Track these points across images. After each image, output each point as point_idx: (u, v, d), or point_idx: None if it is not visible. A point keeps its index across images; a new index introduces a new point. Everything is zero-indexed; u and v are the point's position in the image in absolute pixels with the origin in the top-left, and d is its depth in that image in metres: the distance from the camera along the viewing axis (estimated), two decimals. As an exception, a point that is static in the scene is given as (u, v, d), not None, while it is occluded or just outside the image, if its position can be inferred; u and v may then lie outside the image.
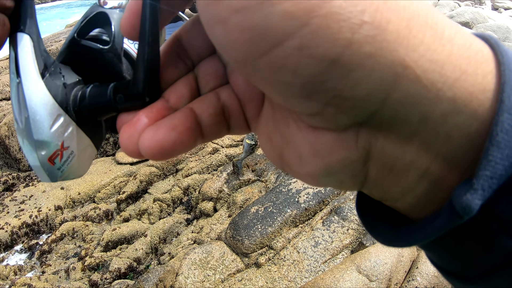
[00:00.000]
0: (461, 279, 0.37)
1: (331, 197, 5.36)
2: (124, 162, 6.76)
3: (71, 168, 0.60)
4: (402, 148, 0.31)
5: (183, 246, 5.20)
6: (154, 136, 0.36)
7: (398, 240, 0.36)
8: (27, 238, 5.55)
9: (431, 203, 0.34)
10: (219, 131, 0.41)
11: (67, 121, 0.57)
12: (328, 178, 0.35)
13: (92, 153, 0.64)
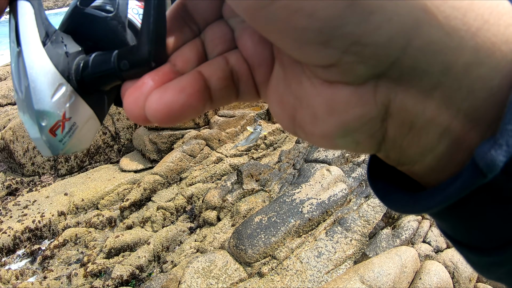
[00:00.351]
0: (476, 251, 0.35)
1: (335, 207, 5.36)
2: (128, 169, 6.77)
3: (73, 140, 0.56)
4: (422, 104, 0.29)
5: (186, 255, 5.19)
6: (161, 98, 0.34)
7: (415, 205, 0.33)
8: (30, 243, 5.54)
9: (451, 164, 0.32)
10: (227, 96, 0.38)
11: (69, 90, 0.53)
12: (344, 139, 0.33)
13: (95, 125, 0.57)
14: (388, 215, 5.06)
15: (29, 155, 7.16)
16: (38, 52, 0.49)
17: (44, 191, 6.43)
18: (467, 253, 0.36)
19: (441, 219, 0.36)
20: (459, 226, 0.35)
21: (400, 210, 0.35)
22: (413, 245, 4.84)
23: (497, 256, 0.33)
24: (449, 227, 0.37)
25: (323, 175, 5.72)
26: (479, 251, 0.34)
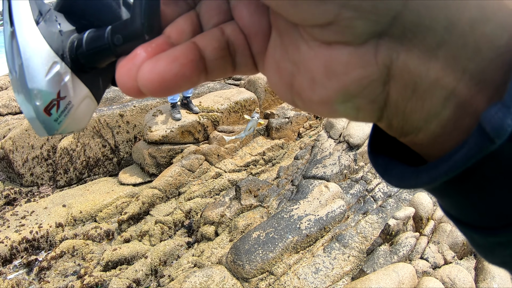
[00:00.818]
0: (481, 231, 0.33)
1: (333, 224, 5.37)
2: (127, 183, 6.77)
3: (69, 119, 0.58)
4: (426, 64, 0.28)
5: (184, 269, 5.18)
6: (154, 68, 0.33)
7: (418, 177, 0.31)
8: (27, 254, 5.52)
9: (457, 131, 0.30)
10: (223, 67, 0.37)
11: (63, 69, 0.55)
12: (344, 105, 0.32)
13: (91, 105, 0.62)
14: (386, 231, 5.07)
15: (28, 166, 7.16)
16: (32, 30, 0.51)
17: (43, 202, 6.42)
18: (472, 234, 0.35)
19: (445, 195, 0.35)
20: (463, 203, 0.34)
21: (402, 184, 0.33)
22: (411, 261, 4.84)
23: (504, 235, 0.32)
24: (453, 205, 0.35)
25: (321, 191, 5.74)
26: (484, 231, 0.33)
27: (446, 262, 4.98)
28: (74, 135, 7.24)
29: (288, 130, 7.92)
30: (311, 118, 8.36)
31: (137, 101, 8.02)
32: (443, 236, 5.18)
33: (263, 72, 0.38)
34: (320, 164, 6.53)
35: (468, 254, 5.30)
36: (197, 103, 7.61)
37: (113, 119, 7.49)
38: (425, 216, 5.38)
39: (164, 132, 6.84)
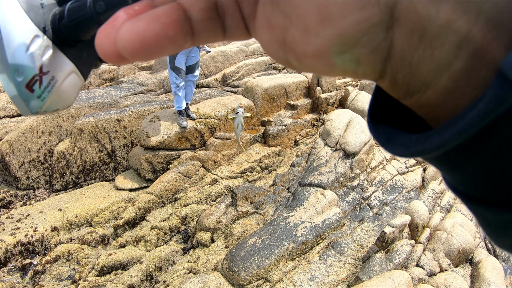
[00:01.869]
0: (494, 207, 0.30)
1: (329, 231, 5.37)
2: (123, 188, 6.76)
3: (53, 96, 0.57)
4: (435, 4, 0.24)
5: (179, 275, 5.16)
6: (133, 28, 0.31)
7: (426, 141, 0.28)
8: (21, 257, 5.48)
9: (471, 86, 0.27)
10: (212, 31, 0.35)
11: (45, 42, 0.54)
12: (342, 57, 0.28)
13: (77, 81, 0.61)
14: (382, 239, 5.08)
15: (24, 169, 7.14)
16: (11, 4, 0.50)
17: (38, 205, 6.39)
18: (484, 212, 0.32)
19: (455, 167, 0.31)
20: (476, 175, 0.30)
21: (408, 151, 0.30)
22: (407, 269, 4.85)
23: None
24: (463, 179, 0.32)
25: (317, 198, 5.75)
26: (499, 207, 0.30)
27: (441, 270, 4.99)
28: (71, 140, 7.23)
29: (285, 137, 7.94)
30: (308, 126, 8.38)
31: (134, 106, 8.02)
32: (438, 244, 5.20)
33: (255, 36, 0.35)
34: (316, 172, 6.54)
35: (464, 261, 5.32)
36: (194, 109, 7.62)
37: (111, 124, 7.48)
38: (421, 224, 5.39)
39: (161, 138, 6.84)
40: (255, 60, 11.30)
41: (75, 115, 7.76)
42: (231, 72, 10.48)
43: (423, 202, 6.25)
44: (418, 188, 7.04)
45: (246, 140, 7.60)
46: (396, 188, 6.81)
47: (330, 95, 8.84)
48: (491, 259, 5.27)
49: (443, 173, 0.35)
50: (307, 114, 8.76)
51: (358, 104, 8.29)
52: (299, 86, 8.88)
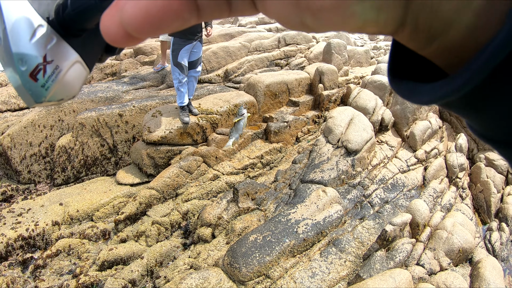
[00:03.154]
0: None
1: (330, 228, 5.38)
2: (124, 183, 6.75)
3: (57, 85, 0.57)
4: None
5: (180, 271, 5.17)
6: (137, 3, 0.31)
7: (452, 82, 0.28)
8: (22, 251, 5.48)
9: (491, 22, 0.26)
10: (217, 6, 0.33)
11: (49, 32, 0.54)
12: (362, 4, 0.27)
13: (82, 71, 0.61)
14: (383, 237, 5.08)
15: (26, 163, 7.14)
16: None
17: (39, 199, 6.39)
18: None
19: (479, 107, 0.31)
20: (502, 114, 0.30)
21: (435, 95, 0.30)
22: (407, 267, 4.86)
23: None
24: (490, 121, 0.32)
25: (318, 196, 5.75)
26: None
27: (442, 269, 5.00)
28: (72, 134, 7.22)
29: (287, 134, 7.93)
30: (310, 123, 8.38)
31: (136, 101, 8.01)
32: (439, 243, 5.20)
33: (262, 8, 0.34)
34: (318, 169, 6.54)
35: (464, 261, 5.33)
36: (196, 105, 7.61)
37: (112, 119, 7.47)
38: (422, 222, 5.40)
39: (163, 133, 6.83)
40: (258, 56, 11.27)
41: (77, 110, 7.75)
42: (233, 68, 10.46)
43: (424, 201, 6.26)
44: (419, 186, 7.04)
45: (248, 136, 7.59)
46: (397, 187, 6.82)
47: (332, 92, 8.82)
48: (490, 259, 5.28)
49: (469, 121, 0.35)
50: (309, 111, 8.75)
51: (360, 102, 8.28)
52: (301, 83, 8.86)
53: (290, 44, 12.19)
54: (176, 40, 6.68)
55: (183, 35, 6.66)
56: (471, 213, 6.78)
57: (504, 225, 6.69)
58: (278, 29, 14.24)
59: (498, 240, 6.39)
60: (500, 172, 7.61)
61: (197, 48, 6.96)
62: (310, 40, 12.77)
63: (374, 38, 19.05)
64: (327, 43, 10.61)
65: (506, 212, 6.94)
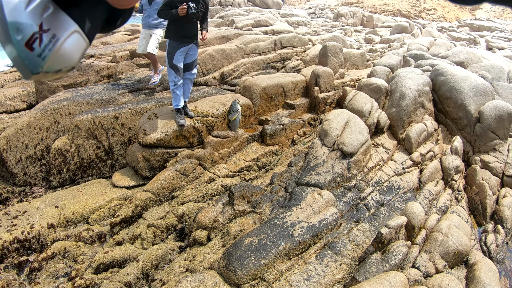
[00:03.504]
0: None
1: (325, 231, 5.39)
2: (120, 185, 6.75)
3: (54, 54, 0.56)
4: None
5: (175, 274, 5.16)
6: None
7: None
8: (18, 254, 5.47)
9: None
10: None
11: (45, 1, 0.54)
12: None
13: (81, 42, 0.60)
14: (378, 240, 5.10)
15: (21, 165, 7.13)
16: None
17: (35, 202, 6.37)
18: None
19: None
20: None
21: None
22: (402, 270, 4.88)
23: None
24: None
25: (314, 198, 5.76)
26: None
27: (437, 271, 5.02)
28: (68, 136, 7.22)
29: (282, 136, 7.95)
30: (306, 126, 8.39)
31: (132, 103, 8.01)
32: (434, 246, 5.22)
33: None
34: (313, 172, 6.55)
35: (459, 263, 5.35)
36: (192, 107, 7.62)
37: (108, 121, 7.47)
38: (417, 225, 5.41)
39: (158, 135, 6.84)
40: (254, 59, 11.29)
41: (72, 112, 7.74)
42: (229, 71, 10.47)
43: (420, 203, 6.28)
44: (414, 189, 7.06)
45: (244, 138, 7.60)
46: (392, 189, 6.83)
47: (328, 95, 8.84)
48: (486, 261, 5.30)
49: None
50: (305, 114, 8.77)
51: (356, 105, 8.30)
52: (297, 86, 8.88)
53: (286, 47, 12.21)
54: (171, 42, 6.71)
55: (178, 37, 6.70)
56: (466, 215, 6.80)
57: (500, 227, 6.72)
58: (274, 32, 14.26)
59: (494, 242, 6.41)
60: (495, 174, 7.64)
61: (192, 51, 7.00)
62: (306, 43, 12.80)
63: (371, 41, 19.07)
64: (323, 46, 10.64)
65: (502, 214, 6.96)
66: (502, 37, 22.68)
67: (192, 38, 6.87)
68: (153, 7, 8.26)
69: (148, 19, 8.43)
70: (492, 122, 8.05)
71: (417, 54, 12.20)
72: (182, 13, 6.42)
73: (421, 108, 8.62)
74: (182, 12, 6.41)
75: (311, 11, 31.97)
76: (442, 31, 24.85)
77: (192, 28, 6.84)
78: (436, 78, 9.28)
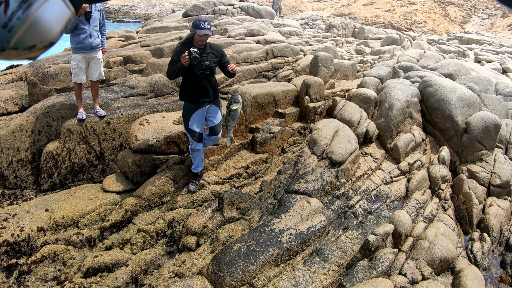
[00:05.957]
0: None
1: (313, 238, 5.45)
2: (110, 190, 6.77)
3: (26, 25, 0.43)
4: None
5: (164, 279, 5.19)
6: None
7: None
8: (7, 257, 5.47)
9: None
10: None
11: None
12: None
13: (63, 9, 0.47)
14: (366, 247, 5.16)
15: (12, 168, 7.13)
16: None
17: (25, 205, 6.38)
18: None
19: None
20: None
21: None
22: (389, 276, 4.94)
23: None
24: None
25: (303, 206, 5.82)
26: None
27: (423, 278, 5.09)
28: (60, 140, 7.24)
29: (272, 145, 8.01)
30: (295, 134, 8.47)
31: (124, 109, 8.05)
32: (421, 253, 5.30)
33: None
34: (302, 180, 6.62)
35: (445, 270, 5.42)
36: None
37: (100, 126, 7.51)
38: (404, 233, 5.49)
39: (150, 141, 6.88)
40: (245, 68, 11.38)
41: (65, 116, 7.76)
42: (221, 79, 10.55)
43: (407, 211, 6.37)
44: (402, 198, 7.15)
45: (234, 146, 7.66)
46: (380, 198, 6.92)
47: (318, 105, 8.94)
48: (472, 268, 5.38)
49: None
50: (295, 123, 8.85)
51: (345, 114, 8.40)
52: (288, 95, 8.97)
53: (278, 56, 12.32)
54: (186, 105, 6.21)
55: (192, 98, 6.11)
56: (453, 224, 6.89)
57: (486, 235, 6.81)
58: (267, 41, 14.38)
59: (480, 250, 6.50)
60: (482, 184, 7.75)
61: (212, 113, 6.37)
62: (298, 53, 12.92)
63: (361, 52, 19.26)
64: (314, 56, 10.75)
65: (488, 222, 7.06)
66: (490, 50, 22.98)
67: (208, 97, 6.19)
68: (92, 24, 7.32)
69: (89, 40, 7.29)
70: (479, 133, 8.18)
71: (407, 66, 12.35)
72: (185, 62, 5.65)
73: (410, 119, 8.74)
74: (184, 60, 5.63)
75: (304, 21, 32.17)
76: (432, 43, 25.13)
77: (207, 86, 6.13)
78: (424, 89, 9.41)
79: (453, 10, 41.71)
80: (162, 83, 9.73)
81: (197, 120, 6.17)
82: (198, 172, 6.70)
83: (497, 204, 7.48)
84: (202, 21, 5.68)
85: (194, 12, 21.03)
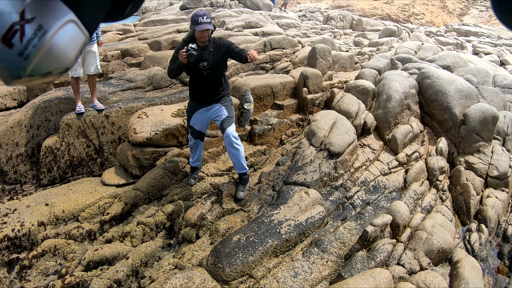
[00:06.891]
0: None
1: (312, 229, 5.47)
2: (110, 183, 6.78)
3: (42, 52, 0.43)
4: None
5: (164, 271, 5.22)
6: None
7: None
8: (8, 252, 5.49)
9: None
10: None
11: None
12: None
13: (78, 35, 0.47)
14: (364, 238, 5.19)
15: (12, 163, 7.14)
16: None
17: (25, 200, 6.39)
18: None
19: None
20: None
21: None
22: (388, 267, 4.96)
23: None
24: None
25: (301, 197, 5.84)
26: None
27: (421, 268, 5.12)
28: (59, 134, 7.24)
29: (271, 136, 8.03)
30: (294, 126, 8.48)
31: (123, 102, 8.05)
32: (419, 243, 5.33)
33: None
34: (301, 171, 6.64)
35: (443, 261, 5.45)
36: (182, 107, 7.67)
37: (98, 120, 7.51)
38: (402, 223, 5.52)
39: (148, 134, 6.88)
40: (243, 60, 11.34)
41: (63, 110, 7.76)
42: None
43: (405, 202, 6.40)
44: (400, 189, 7.18)
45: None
46: (378, 189, 6.94)
47: (316, 96, 8.94)
48: (469, 259, 5.41)
49: None
50: (293, 114, 8.86)
51: (343, 106, 8.42)
52: (286, 87, 8.97)
53: (275, 48, 12.29)
54: (190, 102, 6.08)
55: (195, 97, 5.96)
56: (451, 215, 6.92)
57: (483, 226, 6.85)
58: (265, 34, 14.35)
59: (477, 241, 6.54)
60: (479, 175, 7.78)
61: (217, 111, 5.94)
62: (296, 45, 12.89)
63: (359, 44, 19.23)
64: (312, 48, 10.74)
65: (485, 213, 7.09)
66: (488, 42, 22.98)
67: (211, 97, 5.89)
68: None
69: None
70: (477, 125, 8.20)
71: (405, 58, 12.34)
72: (183, 59, 5.38)
73: (407, 110, 8.76)
74: (182, 57, 5.38)
75: (302, 13, 32.09)
76: (430, 35, 25.11)
77: (210, 86, 5.83)
78: (422, 81, 9.41)
79: (451, 2, 41.63)
80: (160, 76, 9.71)
81: (198, 119, 6.00)
82: (197, 165, 6.67)
83: (495, 195, 7.51)
84: (200, 15, 5.32)
85: (192, 5, 20.94)
